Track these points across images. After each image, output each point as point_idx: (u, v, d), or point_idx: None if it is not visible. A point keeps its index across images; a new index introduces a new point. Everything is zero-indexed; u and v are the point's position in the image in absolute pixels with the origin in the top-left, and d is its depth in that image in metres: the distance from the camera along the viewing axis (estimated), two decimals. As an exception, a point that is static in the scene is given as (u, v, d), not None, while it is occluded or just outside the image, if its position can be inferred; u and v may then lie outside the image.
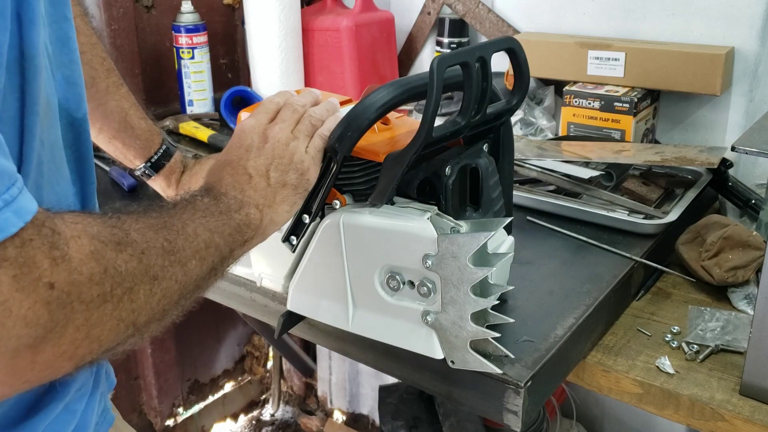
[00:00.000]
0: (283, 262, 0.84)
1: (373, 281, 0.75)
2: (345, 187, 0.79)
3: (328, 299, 0.80)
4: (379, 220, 0.74)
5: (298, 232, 0.79)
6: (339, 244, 0.76)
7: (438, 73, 0.67)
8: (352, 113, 0.73)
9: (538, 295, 0.88)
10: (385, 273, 0.75)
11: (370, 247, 0.75)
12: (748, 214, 1.14)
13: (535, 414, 1.38)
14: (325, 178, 0.76)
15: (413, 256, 0.71)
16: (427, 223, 0.71)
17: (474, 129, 0.78)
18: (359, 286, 0.77)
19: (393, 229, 0.72)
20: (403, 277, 0.74)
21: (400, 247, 0.72)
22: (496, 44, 0.75)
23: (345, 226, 0.76)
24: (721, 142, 1.31)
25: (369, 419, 2.06)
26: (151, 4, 1.55)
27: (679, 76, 1.25)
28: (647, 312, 0.96)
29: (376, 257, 0.75)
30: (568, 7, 1.43)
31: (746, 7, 1.24)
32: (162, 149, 0.98)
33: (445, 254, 0.69)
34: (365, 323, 0.78)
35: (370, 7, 1.61)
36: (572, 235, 1.02)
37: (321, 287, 0.81)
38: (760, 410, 0.78)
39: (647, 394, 0.83)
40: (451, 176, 0.76)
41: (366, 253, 0.75)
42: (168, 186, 0.99)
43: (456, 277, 0.69)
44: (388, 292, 0.75)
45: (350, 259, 0.77)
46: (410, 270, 0.73)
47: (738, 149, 0.78)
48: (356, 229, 0.75)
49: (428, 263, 0.70)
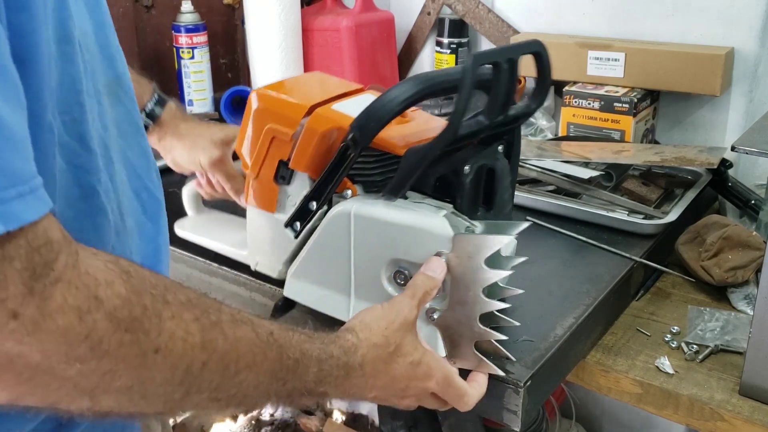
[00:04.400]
0: (282, 248, 0.82)
1: (379, 274, 0.74)
2: (357, 177, 0.78)
3: (328, 289, 0.79)
4: (393, 213, 0.72)
5: (303, 218, 0.78)
6: (347, 233, 0.75)
7: (473, 70, 0.66)
8: (376, 104, 0.71)
9: (538, 295, 0.88)
10: (393, 267, 0.74)
11: (381, 240, 0.73)
12: (748, 214, 1.14)
13: (534, 414, 1.38)
14: (340, 167, 0.75)
15: (426, 253, 0.70)
16: (444, 221, 0.70)
17: (494, 129, 0.77)
18: (364, 278, 0.76)
19: (407, 223, 0.71)
20: (411, 273, 0.72)
21: (413, 243, 0.71)
22: (524, 47, 0.75)
23: (356, 217, 0.74)
24: (720, 143, 1.31)
25: (368, 419, 2.06)
26: (151, 3, 1.55)
27: (679, 77, 1.25)
28: (647, 312, 0.96)
29: (385, 251, 0.73)
30: (567, 7, 1.43)
31: (746, 7, 1.24)
32: (155, 97, 0.97)
33: (461, 254, 0.68)
34: None
35: (370, 7, 1.61)
36: (572, 235, 1.02)
37: (322, 276, 0.79)
38: (759, 410, 0.78)
39: (647, 394, 0.83)
40: (470, 175, 0.75)
41: (375, 246, 0.74)
42: (159, 140, 0.99)
43: (469, 278, 0.68)
44: (394, 287, 0.75)
45: (357, 250, 0.75)
46: (420, 265, 0.72)
47: (738, 149, 0.78)
48: (368, 220, 0.74)
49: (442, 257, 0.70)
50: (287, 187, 0.83)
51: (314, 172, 0.80)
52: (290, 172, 0.82)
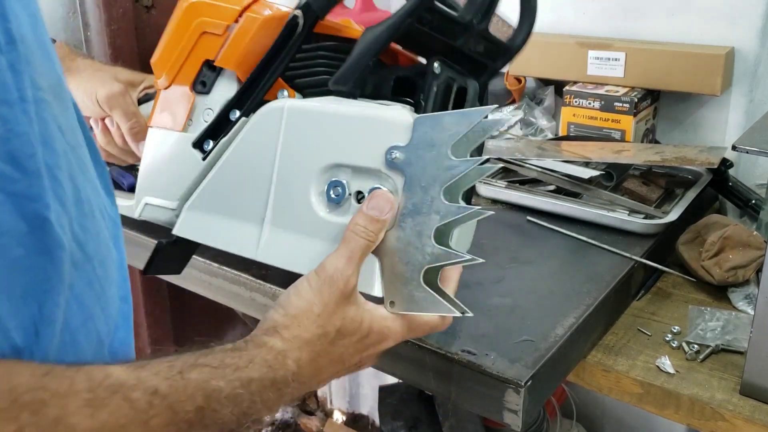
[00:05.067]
0: (182, 178, 0.69)
1: (307, 190, 0.61)
2: (296, 79, 0.66)
3: (233, 218, 0.66)
4: (337, 106, 0.61)
5: (219, 132, 0.65)
6: (273, 138, 0.62)
7: None
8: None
9: (538, 294, 0.88)
10: (327, 177, 0.61)
11: (318, 139, 0.61)
12: (749, 214, 1.14)
13: (535, 414, 1.38)
14: (281, 51, 0.64)
15: (375, 149, 0.58)
16: (403, 108, 0.60)
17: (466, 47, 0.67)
18: (286, 197, 0.63)
19: (355, 114, 0.60)
20: (349, 187, 0.60)
21: (360, 138, 0.59)
22: None
23: (290, 111, 0.62)
24: (721, 142, 1.31)
25: (369, 419, 2.06)
26: (151, 4, 1.55)
27: (680, 76, 1.25)
28: (647, 312, 0.96)
29: (321, 154, 0.61)
30: (568, 6, 1.43)
31: (746, 7, 1.24)
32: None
33: (420, 143, 0.56)
34: (279, 249, 0.64)
35: (370, 7, 1.60)
36: (572, 235, 1.02)
37: (228, 202, 0.66)
38: (760, 410, 0.78)
39: (647, 394, 0.83)
40: (439, 78, 0.63)
41: (309, 149, 0.61)
42: None
43: (428, 175, 0.56)
44: (324, 205, 0.62)
45: (284, 157, 0.62)
46: (363, 172, 0.60)
47: (739, 148, 0.78)
48: (305, 114, 0.61)
49: (394, 156, 0.58)
50: (205, 98, 0.71)
51: (245, 70, 0.68)
52: (214, 75, 0.70)
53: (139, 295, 1.71)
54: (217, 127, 0.66)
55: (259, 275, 0.93)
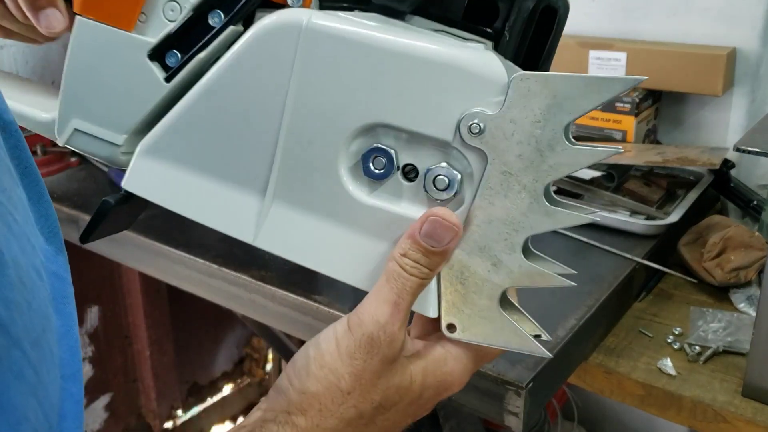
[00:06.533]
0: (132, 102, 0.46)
1: (334, 155, 0.42)
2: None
3: (218, 181, 0.45)
4: (386, 36, 0.40)
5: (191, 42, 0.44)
6: (283, 71, 0.42)
7: None
8: None
9: (539, 295, 0.87)
10: (366, 142, 0.42)
11: (356, 84, 0.41)
12: (750, 215, 1.13)
13: (536, 416, 1.37)
14: None
15: (446, 112, 0.40)
16: (492, 55, 0.40)
17: None
18: (301, 161, 0.43)
19: (418, 54, 0.40)
20: (397, 157, 0.42)
21: (422, 92, 0.40)
22: None
23: (310, 33, 0.41)
24: (722, 143, 1.30)
25: (369, 421, 2.05)
26: (150, 4, 1.55)
27: (681, 77, 1.25)
28: (649, 313, 0.95)
29: (359, 106, 0.41)
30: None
31: (748, 7, 1.23)
32: None
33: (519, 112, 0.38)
34: (288, 234, 0.44)
35: (370, 8, 1.60)
36: (573, 236, 1.02)
37: (209, 156, 0.45)
38: (762, 412, 0.77)
39: (649, 395, 0.83)
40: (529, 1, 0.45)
41: (339, 96, 0.41)
42: None
43: (529, 153, 0.39)
44: (358, 180, 0.43)
45: (300, 103, 0.42)
46: (421, 142, 0.42)
47: (741, 149, 0.77)
48: (338, 43, 0.41)
49: (475, 124, 0.39)
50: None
51: None
52: None
53: (139, 296, 1.70)
54: (188, 33, 0.44)
55: (258, 276, 0.92)
